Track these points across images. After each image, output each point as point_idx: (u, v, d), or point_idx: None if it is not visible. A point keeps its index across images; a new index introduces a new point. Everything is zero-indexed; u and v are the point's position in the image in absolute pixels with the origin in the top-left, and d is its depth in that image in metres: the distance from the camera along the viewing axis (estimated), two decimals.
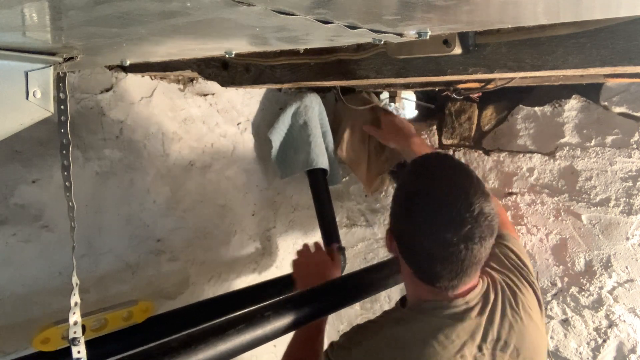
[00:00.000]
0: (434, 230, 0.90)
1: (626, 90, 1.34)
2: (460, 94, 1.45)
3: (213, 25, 0.45)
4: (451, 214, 0.89)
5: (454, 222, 0.89)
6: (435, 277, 0.94)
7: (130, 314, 1.06)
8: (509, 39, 0.83)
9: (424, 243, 0.92)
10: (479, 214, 0.89)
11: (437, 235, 0.90)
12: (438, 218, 0.90)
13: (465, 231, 0.88)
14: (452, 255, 0.90)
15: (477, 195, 0.91)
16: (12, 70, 0.52)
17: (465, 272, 0.93)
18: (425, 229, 0.92)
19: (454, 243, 0.89)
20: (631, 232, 1.36)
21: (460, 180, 0.94)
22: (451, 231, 0.89)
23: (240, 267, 1.67)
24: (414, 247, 0.96)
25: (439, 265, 0.92)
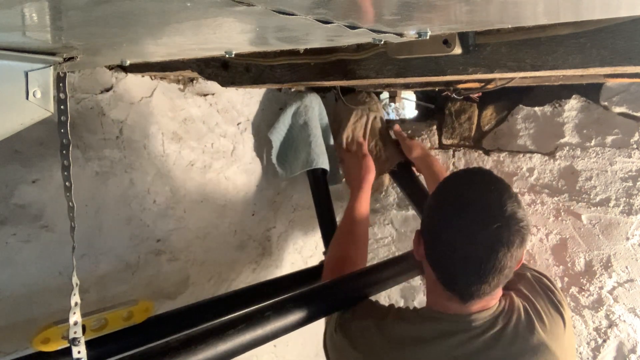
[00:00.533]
0: (462, 226, 0.90)
1: (626, 90, 1.34)
2: (460, 94, 1.45)
3: (213, 26, 0.45)
4: (481, 211, 0.89)
5: (483, 219, 0.89)
6: (456, 278, 0.93)
7: (130, 314, 1.06)
8: (509, 39, 0.83)
9: (450, 239, 0.92)
10: (510, 216, 0.89)
11: (464, 231, 0.89)
12: (468, 215, 0.90)
13: (493, 230, 0.88)
14: (476, 253, 0.89)
15: (511, 199, 0.91)
16: (12, 70, 0.52)
17: (486, 278, 0.91)
18: (454, 224, 0.91)
19: (480, 241, 0.88)
20: (631, 232, 1.36)
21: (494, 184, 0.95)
22: (479, 228, 0.88)
23: (240, 267, 1.67)
24: (439, 244, 0.95)
25: (462, 263, 0.91)
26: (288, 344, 1.84)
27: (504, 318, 0.97)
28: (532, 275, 1.11)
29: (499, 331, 0.96)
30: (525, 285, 1.07)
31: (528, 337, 0.96)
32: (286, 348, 1.85)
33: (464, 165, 1.65)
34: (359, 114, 1.63)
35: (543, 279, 1.10)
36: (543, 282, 1.09)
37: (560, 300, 1.05)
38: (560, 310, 1.02)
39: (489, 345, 0.95)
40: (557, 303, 1.04)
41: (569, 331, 1.02)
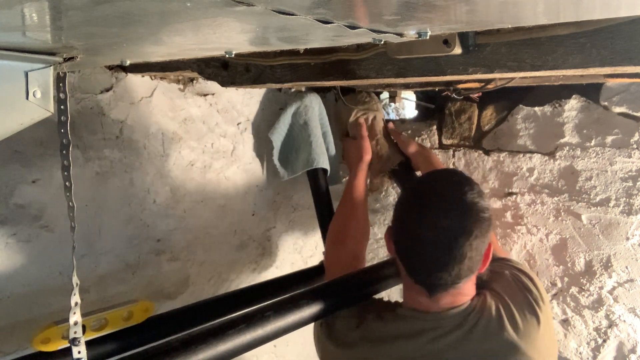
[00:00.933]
0: (422, 216, 0.93)
1: (626, 90, 1.34)
2: (460, 94, 1.45)
3: (213, 26, 0.45)
4: (441, 201, 0.93)
5: (442, 208, 0.92)
6: (418, 267, 0.96)
7: (130, 314, 1.06)
8: (509, 39, 0.83)
9: (412, 228, 0.96)
10: (469, 206, 0.92)
11: (424, 220, 0.93)
12: (428, 204, 0.94)
13: (452, 218, 0.91)
14: (436, 241, 0.92)
15: (473, 191, 0.94)
16: (12, 70, 0.52)
17: (446, 267, 0.92)
18: (415, 214, 0.95)
19: (439, 229, 0.91)
20: (631, 232, 1.36)
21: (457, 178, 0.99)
22: (438, 216, 0.91)
23: (240, 267, 1.67)
24: (403, 235, 0.99)
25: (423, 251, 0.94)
26: (288, 344, 1.84)
27: (475, 316, 0.98)
28: (511, 274, 1.09)
29: (469, 330, 0.96)
30: (501, 285, 1.06)
31: (498, 336, 0.96)
32: (286, 348, 1.85)
33: (464, 165, 1.65)
34: (359, 113, 1.63)
35: (522, 277, 1.08)
36: (521, 280, 1.07)
37: (536, 299, 1.03)
38: (536, 311, 1.01)
39: (458, 343, 0.96)
40: (533, 302, 1.02)
41: (545, 331, 1.00)
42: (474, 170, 1.63)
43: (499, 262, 1.14)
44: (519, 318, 0.98)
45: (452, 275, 0.94)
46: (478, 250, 0.94)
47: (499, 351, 0.95)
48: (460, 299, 0.99)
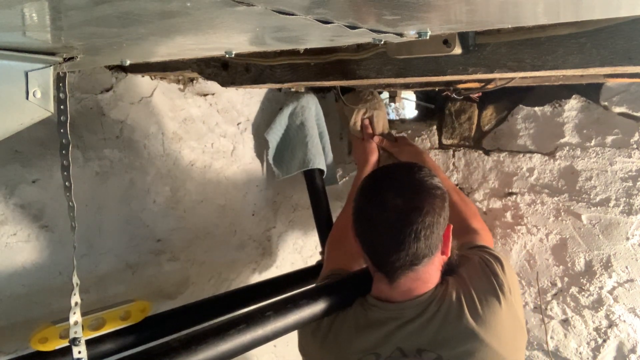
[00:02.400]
0: (375, 199, 0.96)
1: (626, 90, 1.34)
2: (460, 94, 1.45)
3: (213, 26, 0.45)
4: (392, 182, 0.97)
5: (393, 188, 0.95)
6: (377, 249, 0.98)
7: (127, 314, 1.06)
8: (509, 39, 0.83)
9: (367, 212, 0.98)
10: (419, 183, 0.95)
11: (377, 202, 0.95)
12: (380, 188, 0.97)
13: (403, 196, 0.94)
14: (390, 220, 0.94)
15: (422, 171, 0.98)
16: (12, 70, 0.52)
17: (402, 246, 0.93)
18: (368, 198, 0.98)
19: (392, 208, 0.93)
20: (631, 232, 1.36)
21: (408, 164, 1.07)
22: (390, 196, 0.94)
23: (240, 267, 1.67)
24: (360, 220, 1.01)
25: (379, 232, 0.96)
26: (288, 343, 1.84)
27: (436, 305, 0.98)
28: (481, 258, 1.07)
29: (429, 318, 0.97)
30: (467, 270, 1.05)
31: (455, 324, 0.96)
32: (286, 348, 1.84)
33: (464, 165, 1.65)
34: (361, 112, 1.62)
35: (492, 262, 1.05)
36: (489, 266, 1.05)
37: (501, 285, 1.01)
38: (498, 296, 0.99)
39: (419, 330, 0.97)
40: (497, 287, 1.00)
41: (507, 317, 0.99)
42: (474, 170, 1.63)
43: (475, 249, 1.13)
44: (479, 304, 0.98)
45: (409, 254, 0.94)
46: (432, 228, 0.94)
47: (456, 338, 0.95)
48: (422, 286, 0.99)
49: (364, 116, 1.64)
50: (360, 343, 1.01)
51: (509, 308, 0.99)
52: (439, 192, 0.96)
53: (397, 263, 0.95)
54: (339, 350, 1.04)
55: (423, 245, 0.93)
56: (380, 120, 1.64)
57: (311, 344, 1.10)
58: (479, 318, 0.96)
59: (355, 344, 1.02)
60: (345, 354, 1.02)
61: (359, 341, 1.01)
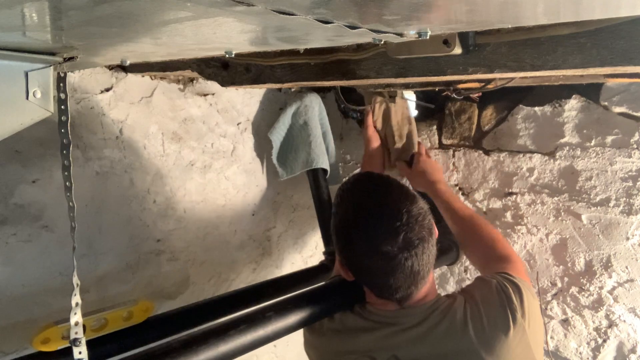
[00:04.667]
0: (373, 248, 0.93)
1: (626, 90, 1.34)
2: (460, 94, 1.44)
3: (213, 25, 0.45)
4: (382, 227, 0.93)
5: (388, 234, 0.92)
6: (393, 290, 0.97)
7: (130, 314, 1.06)
8: (509, 39, 0.83)
9: (370, 263, 0.95)
10: (408, 219, 0.93)
11: (378, 252, 0.92)
12: (373, 236, 0.94)
13: (401, 239, 0.92)
14: (400, 265, 0.93)
15: (401, 200, 0.95)
16: (12, 70, 0.52)
17: (419, 277, 0.95)
18: (365, 249, 0.94)
19: (396, 253, 0.92)
20: (631, 232, 1.36)
21: (380, 192, 0.99)
22: (389, 244, 0.92)
23: (240, 267, 1.67)
24: (364, 269, 0.99)
25: (392, 278, 0.94)
26: (288, 343, 1.84)
27: (438, 316, 0.98)
28: (499, 282, 1.04)
29: (429, 328, 0.97)
30: (481, 292, 1.03)
31: (458, 340, 0.95)
32: (286, 348, 1.85)
33: (464, 165, 1.65)
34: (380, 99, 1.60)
35: (509, 288, 1.02)
36: (506, 291, 1.01)
37: (514, 311, 0.97)
38: (509, 323, 0.95)
39: (415, 340, 0.97)
40: (509, 313, 0.97)
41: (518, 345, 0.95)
42: (474, 170, 1.63)
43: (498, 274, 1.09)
44: (487, 327, 0.95)
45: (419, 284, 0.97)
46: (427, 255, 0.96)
47: (456, 355, 0.94)
48: (425, 298, 1.01)
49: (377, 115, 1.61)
50: (356, 344, 1.02)
51: (520, 337, 0.95)
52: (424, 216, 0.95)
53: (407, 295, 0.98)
54: (335, 350, 1.05)
55: (420, 274, 0.96)
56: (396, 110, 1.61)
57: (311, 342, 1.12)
58: (484, 340, 0.94)
59: (351, 345, 1.03)
60: (340, 354, 1.04)
61: (354, 343, 1.03)
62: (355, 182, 1.08)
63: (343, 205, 1.03)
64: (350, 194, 1.04)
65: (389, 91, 1.57)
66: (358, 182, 1.08)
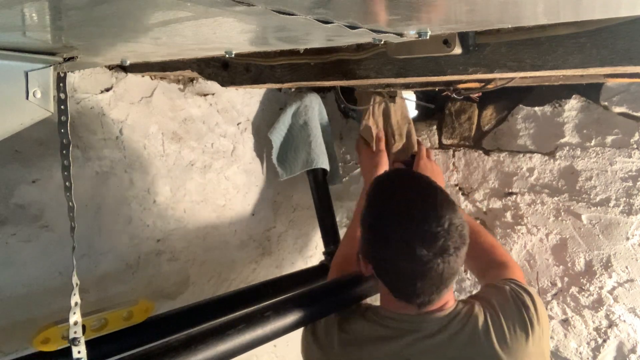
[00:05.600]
0: (410, 249, 0.91)
1: (626, 90, 1.34)
2: (460, 94, 1.44)
3: (213, 25, 0.45)
4: (423, 230, 0.91)
5: (427, 238, 0.90)
6: (416, 295, 0.95)
7: (130, 314, 1.06)
8: (509, 39, 0.83)
9: (402, 263, 0.93)
10: (450, 226, 0.91)
11: (413, 254, 0.90)
12: (411, 236, 0.91)
13: (439, 245, 0.90)
14: (431, 270, 0.91)
15: (444, 207, 0.93)
16: (12, 70, 0.52)
17: (444, 284, 0.94)
18: (400, 249, 0.92)
19: (430, 258, 0.90)
20: (631, 232, 1.36)
21: (426, 195, 0.97)
22: (426, 247, 0.90)
23: (240, 267, 1.67)
24: (391, 269, 0.97)
25: (419, 282, 0.93)
26: (288, 343, 1.84)
27: (459, 323, 0.97)
28: (512, 289, 1.06)
29: (451, 335, 0.96)
30: (497, 298, 1.04)
31: (481, 346, 0.95)
32: (286, 348, 1.85)
33: (464, 165, 1.65)
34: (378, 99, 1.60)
35: (523, 295, 1.04)
36: (520, 297, 1.04)
37: (531, 318, 1.00)
38: (527, 328, 0.98)
39: (438, 347, 0.96)
40: (527, 319, 0.99)
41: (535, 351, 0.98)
42: (474, 170, 1.63)
43: (507, 281, 1.11)
44: (508, 332, 0.97)
45: (442, 292, 0.96)
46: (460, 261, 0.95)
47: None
48: (446, 304, 1.00)
49: (377, 115, 1.60)
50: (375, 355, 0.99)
51: (536, 343, 0.98)
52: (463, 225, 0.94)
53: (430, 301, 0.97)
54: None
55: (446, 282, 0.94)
56: (396, 110, 1.60)
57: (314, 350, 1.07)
58: (506, 346, 0.95)
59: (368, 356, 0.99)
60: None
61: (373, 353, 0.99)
62: (400, 177, 1.06)
63: (384, 198, 1.00)
64: (394, 189, 1.01)
65: (388, 91, 1.57)
66: (403, 179, 1.05)
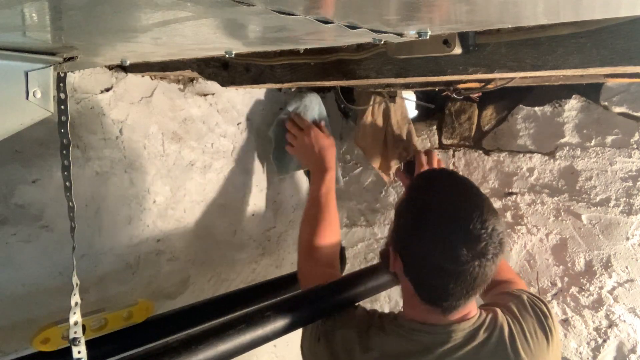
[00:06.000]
0: (449, 247, 0.88)
1: (626, 90, 1.34)
2: (460, 94, 1.45)
3: (213, 26, 0.45)
4: (466, 230, 0.88)
5: (469, 238, 0.87)
6: (445, 297, 0.92)
7: (130, 314, 1.06)
8: (509, 39, 0.83)
9: (437, 261, 0.89)
10: (492, 231, 0.88)
11: (452, 252, 0.87)
12: (453, 234, 0.88)
13: (480, 247, 0.87)
14: (466, 272, 0.88)
15: (490, 212, 0.91)
16: (12, 70, 0.52)
17: (474, 291, 0.92)
18: (440, 245, 0.89)
19: (468, 260, 0.87)
20: (631, 232, 1.36)
21: (472, 196, 0.94)
22: (467, 247, 0.87)
23: (240, 267, 1.67)
24: (425, 265, 0.92)
25: (452, 283, 0.89)
26: (288, 343, 1.84)
27: (486, 331, 0.96)
28: (529, 297, 1.08)
29: (481, 343, 0.95)
30: (517, 305, 1.05)
31: (508, 354, 0.94)
32: (286, 348, 1.85)
33: (464, 165, 1.65)
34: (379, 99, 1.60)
35: (540, 304, 1.06)
36: (538, 306, 1.05)
37: (550, 327, 1.02)
38: (548, 336, 1.00)
39: (471, 356, 0.94)
40: (547, 329, 1.01)
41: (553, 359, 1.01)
42: (474, 170, 1.63)
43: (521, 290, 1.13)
44: (531, 339, 0.98)
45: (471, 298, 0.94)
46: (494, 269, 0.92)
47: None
48: (471, 312, 0.98)
49: (377, 115, 1.60)
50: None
51: (555, 351, 1.00)
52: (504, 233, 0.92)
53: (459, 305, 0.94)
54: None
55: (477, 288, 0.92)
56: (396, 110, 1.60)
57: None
58: (531, 353, 0.96)
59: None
60: None
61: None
62: (447, 175, 1.04)
63: (429, 193, 0.97)
64: (440, 185, 0.98)
65: (388, 91, 1.57)
66: (450, 176, 1.03)
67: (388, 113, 1.61)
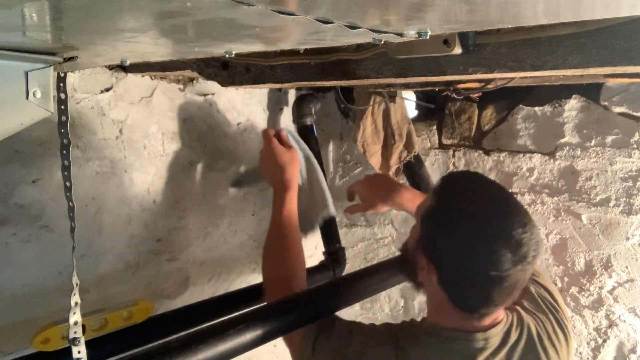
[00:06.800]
0: (494, 254, 0.84)
1: (626, 90, 1.34)
2: (460, 94, 1.44)
3: (213, 25, 0.45)
4: (509, 235, 0.84)
5: (513, 243, 0.84)
6: (485, 304, 0.89)
7: (130, 314, 1.06)
8: (509, 39, 0.83)
9: (479, 267, 0.86)
10: (532, 234, 0.86)
11: (497, 259, 0.84)
12: (497, 240, 0.85)
13: (522, 252, 0.84)
14: (509, 278, 0.85)
15: (525, 214, 0.89)
16: (12, 70, 0.52)
17: (512, 295, 0.89)
18: (481, 251, 0.85)
19: (512, 265, 0.84)
20: (631, 232, 1.36)
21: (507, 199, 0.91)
22: (511, 252, 0.84)
23: (240, 267, 1.67)
24: (464, 272, 0.89)
25: (495, 289, 0.86)
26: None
27: (515, 333, 0.96)
28: (536, 290, 1.07)
29: (512, 347, 0.94)
30: (530, 302, 1.04)
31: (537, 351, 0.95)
32: (286, 348, 1.84)
33: (464, 165, 1.65)
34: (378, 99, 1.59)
35: (547, 295, 1.06)
36: (547, 299, 1.06)
37: (564, 320, 1.03)
38: (565, 331, 1.01)
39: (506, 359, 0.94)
40: (562, 323, 1.02)
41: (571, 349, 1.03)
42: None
43: None
44: (555, 339, 0.99)
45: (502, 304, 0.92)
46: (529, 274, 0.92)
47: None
48: (500, 314, 0.96)
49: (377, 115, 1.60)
50: None
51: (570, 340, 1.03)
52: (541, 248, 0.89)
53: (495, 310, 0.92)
54: None
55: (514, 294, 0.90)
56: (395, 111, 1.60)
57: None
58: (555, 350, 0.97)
59: None
60: None
61: None
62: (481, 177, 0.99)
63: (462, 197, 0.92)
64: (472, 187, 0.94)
65: (388, 91, 1.57)
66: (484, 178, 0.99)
67: (388, 113, 1.61)
